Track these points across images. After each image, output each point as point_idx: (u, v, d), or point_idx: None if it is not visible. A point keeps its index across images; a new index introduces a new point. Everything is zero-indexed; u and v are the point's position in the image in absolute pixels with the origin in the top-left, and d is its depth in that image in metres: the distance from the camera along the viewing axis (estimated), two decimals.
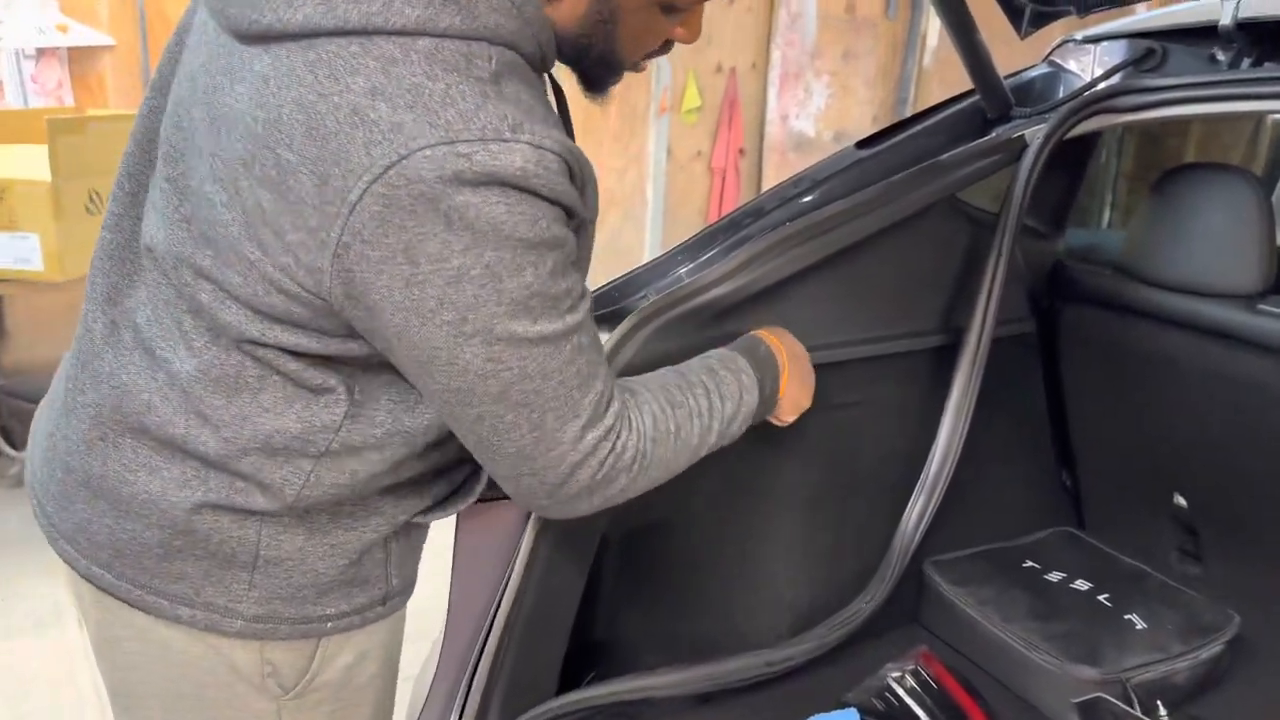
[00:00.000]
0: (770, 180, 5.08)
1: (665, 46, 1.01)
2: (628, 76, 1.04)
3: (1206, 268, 1.54)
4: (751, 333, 1.21)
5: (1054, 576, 1.66)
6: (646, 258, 4.73)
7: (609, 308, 1.47)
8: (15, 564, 2.67)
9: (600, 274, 4.19)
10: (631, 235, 4.75)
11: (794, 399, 1.23)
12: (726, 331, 1.42)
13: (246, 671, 1.00)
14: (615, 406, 0.95)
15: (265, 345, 0.89)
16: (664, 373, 1.08)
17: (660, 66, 4.52)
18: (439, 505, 1.08)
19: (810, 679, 1.51)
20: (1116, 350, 1.69)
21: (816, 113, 5.16)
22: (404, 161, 0.76)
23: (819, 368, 1.50)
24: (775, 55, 4.91)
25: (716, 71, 4.80)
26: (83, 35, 3.61)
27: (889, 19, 5.19)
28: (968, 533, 1.73)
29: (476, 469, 1.10)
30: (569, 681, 1.45)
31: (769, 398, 1.15)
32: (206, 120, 0.86)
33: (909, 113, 5.40)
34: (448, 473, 1.08)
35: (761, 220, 1.52)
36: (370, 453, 0.95)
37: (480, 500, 1.37)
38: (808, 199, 1.55)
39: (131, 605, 0.98)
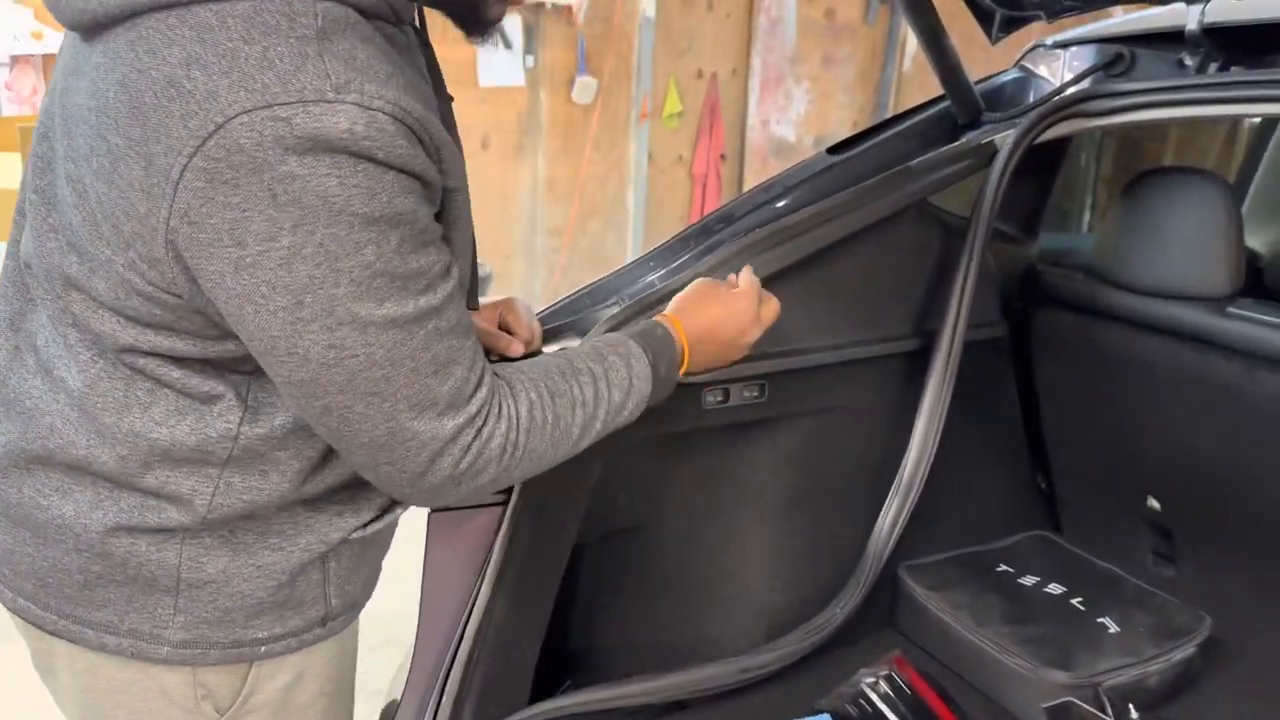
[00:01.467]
0: (751, 185, 5.09)
1: None
2: (608, 85, 1.03)
3: (1177, 271, 1.55)
4: (652, 317, 1.13)
5: (1028, 580, 1.66)
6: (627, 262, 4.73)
7: (579, 314, 1.47)
8: None
9: (583, 280, 4.23)
10: (613, 242, 4.75)
11: (706, 367, 1.18)
12: None
13: (178, 696, 0.97)
14: (482, 394, 0.88)
15: (144, 354, 0.85)
16: (549, 359, 1.01)
17: (641, 73, 4.52)
18: (376, 519, 1.03)
19: (785, 685, 1.50)
20: (1089, 353, 1.69)
21: (797, 118, 5.17)
22: (221, 130, 0.71)
23: (792, 373, 1.51)
24: (755, 61, 4.92)
25: (697, 77, 4.80)
26: (58, 43, 3.59)
27: (868, 25, 5.20)
28: (942, 537, 1.73)
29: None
30: (542, 690, 1.44)
31: (665, 380, 1.08)
32: (61, 123, 0.84)
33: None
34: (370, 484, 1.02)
35: (733, 225, 1.52)
36: (277, 453, 0.91)
37: (450, 508, 1.37)
38: (779, 204, 1.55)
39: (59, 636, 0.95)
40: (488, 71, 4.13)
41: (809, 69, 5.11)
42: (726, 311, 1.16)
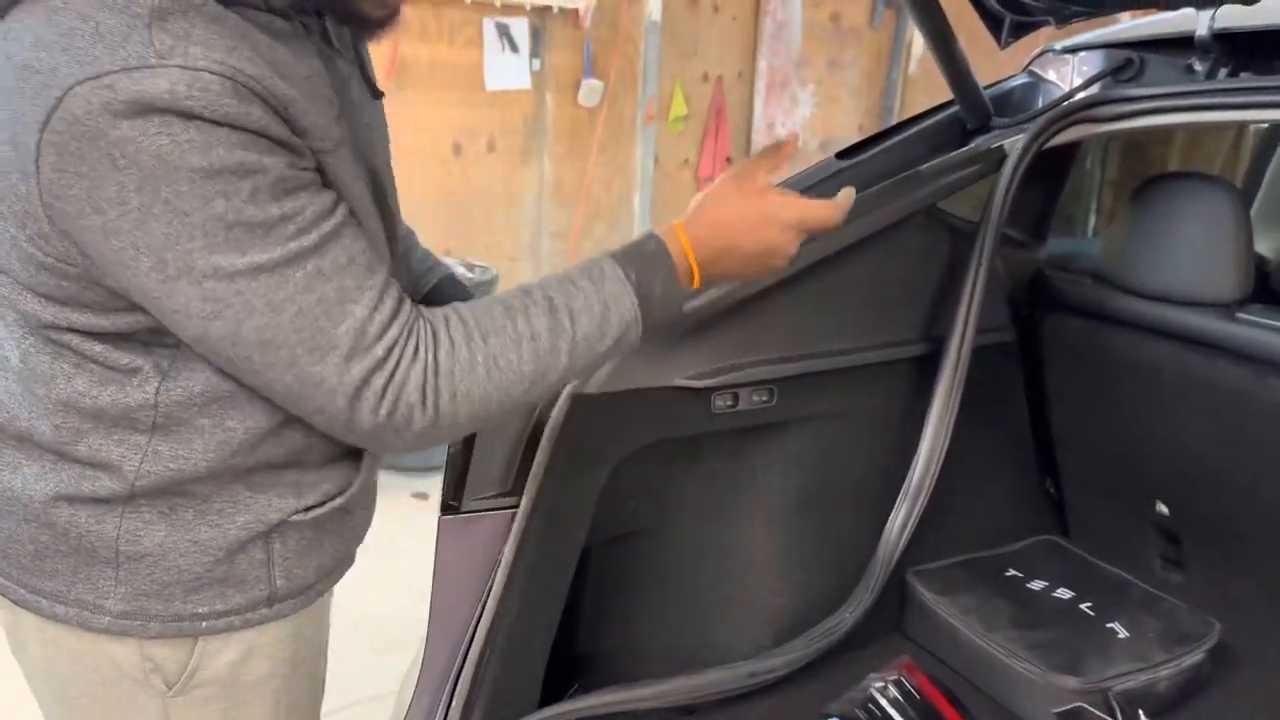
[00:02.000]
0: None
1: None
2: (614, 89, 1.03)
3: (1185, 277, 1.55)
4: (652, 230, 1.04)
5: (1036, 585, 1.67)
6: None
7: None
8: None
9: None
10: (618, 244, 4.74)
11: (735, 278, 1.08)
12: (706, 343, 1.43)
13: (128, 668, 0.99)
14: (390, 334, 0.87)
15: (64, 329, 0.88)
16: (494, 297, 0.97)
17: (647, 76, 4.52)
18: (319, 505, 1.02)
19: (793, 690, 1.51)
20: (1097, 358, 1.69)
21: (803, 121, 5.17)
22: (60, 105, 0.76)
23: (802, 377, 1.51)
24: (761, 64, 4.92)
25: (703, 80, 4.81)
26: None
27: (873, 29, 5.21)
28: (950, 542, 1.73)
29: (354, 463, 1.05)
30: (552, 694, 1.45)
31: (663, 298, 1.00)
32: None
33: (894, 121, 5.43)
34: (318, 467, 1.02)
35: None
36: (199, 420, 0.92)
37: (462, 511, 1.38)
38: None
39: (22, 606, 0.98)
40: (494, 75, 4.14)
41: (814, 72, 5.11)
42: (749, 214, 1.04)
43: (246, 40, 0.82)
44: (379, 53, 4.04)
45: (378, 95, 1.07)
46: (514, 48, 4.13)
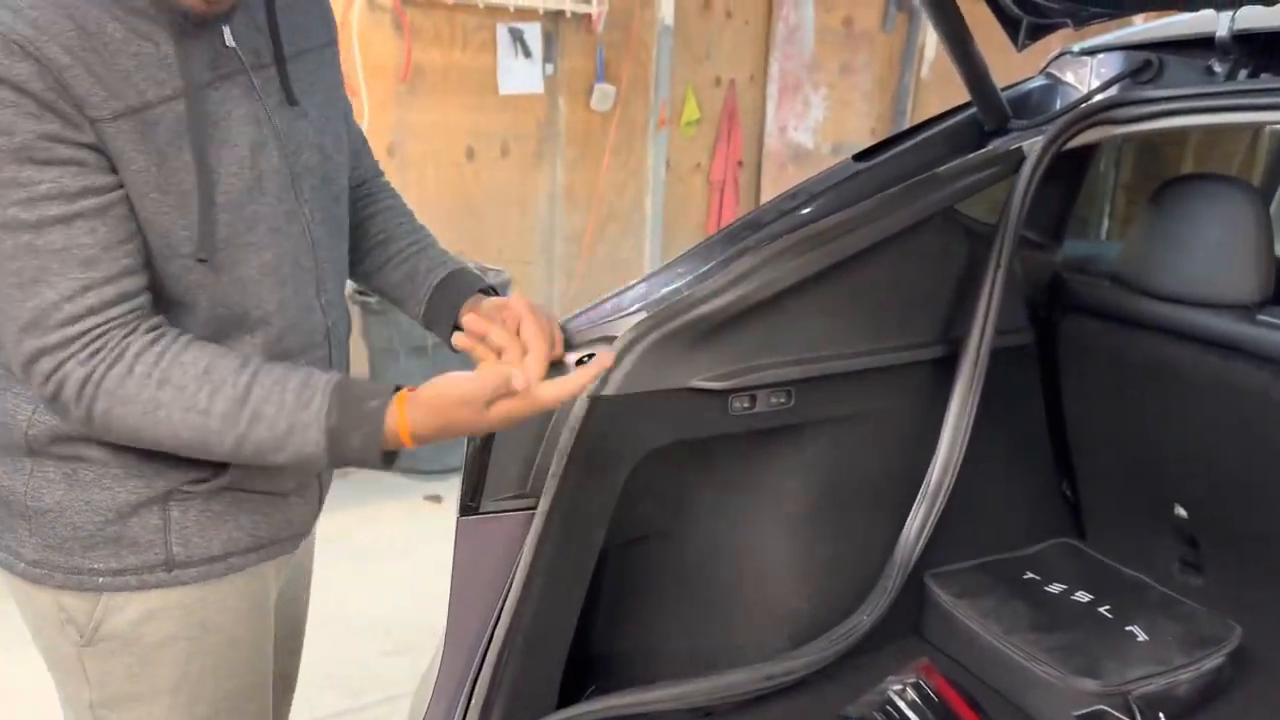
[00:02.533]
0: (769, 192, 5.09)
1: None
2: (627, 93, 1.04)
3: (1205, 278, 1.54)
4: (393, 388, 1.04)
5: (1055, 588, 1.66)
6: (646, 270, 4.73)
7: (606, 321, 1.47)
8: None
9: (602, 286, 4.23)
10: (631, 248, 4.75)
11: (438, 411, 1.03)
12: (723, 345, 1.43)
13: (49, 615, 1.09)
14: (72, 330, 0.92)
15: None
16: (216, 355, 0.98)
17: (659, 80, 4.53)
18: (204, 480, 1.07)
19: (811, 692, 1.50)
20: (1115, 361, 1.69)
21: (815, 125, 5.17)
22: None
23: (819, 379, 1.51)
24: (773, 68, 4.92)
25: (715, 84, 4.81)
26: None
27: (886, 32, 5.20)
28: (968, 544, 1.73)
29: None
30: (569, 696, 1.44)
31: (359, 450, 1.00)
32: None
33: (907, 125, 5.41)
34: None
35: (759, 232, 1.52)
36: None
37: (480, 512, 1.38)
38: (805, 211, 1.55)
39: None
40: (507, 79, 4.14)
41: (827, 76, 5.11)
42: (466, 414, 1.03)
43: (64, 10, 0.89)
44: (393, 56, 4.04)
45: (292, 103, 1.09)
46: (527, 53, 4.14)
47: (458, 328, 1.25)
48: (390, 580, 2.90)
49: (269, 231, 1.05)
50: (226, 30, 1.02)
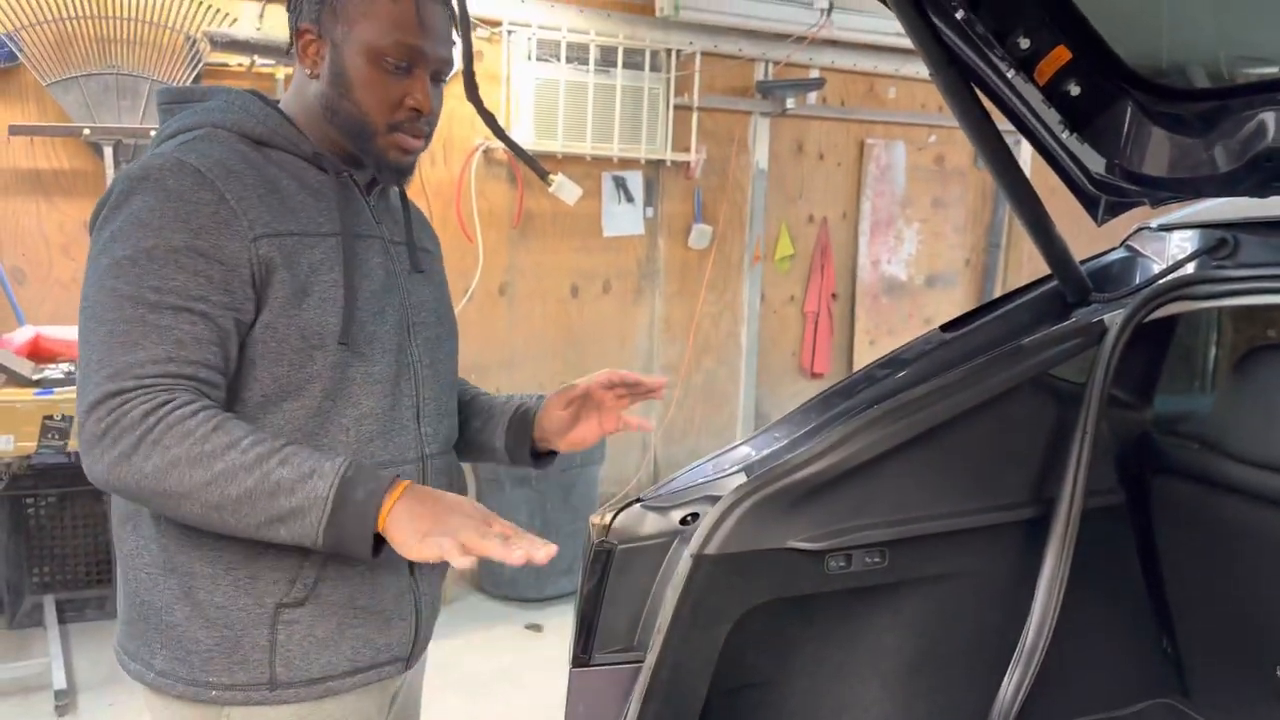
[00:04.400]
0: (863, 322, 5.19)
1: (414, 116, 1.23)
2: (723, 231, 1.19)
3: None
4: (384, 477, 1.10)
5: None
6: (741, 399, 4.84)
7: (708, 481, 1.58)
8: None
9: (699, 415, 4.38)
10: (726, 377, 4.89)
11: (413, 532, 1.07)
12: (820, 507, 1.52)
13: None
14: (149, 380, 1.08)
15: None
16: (242, 436, 1.07)
17: (754, 219, 4.73)
18: (301, 604, 1.19)
19: None
20: (1208, 522, 1.71)
21: (908, 258, 5.28)
22: None
23: (913, 540, 1.58)
24: (865, 205, 5.08)
25: (809, 222, 4.99)
26: None
27: (977, 168, 5.33)
28: (1067, 704, 1.74)
29: (313, 564, 1.19)
30: None
31: (360, 504, 1.07)
32: None
33: (1001, 257, 5.48)
34: (274, 555, 1.16)
35: (852, 399, 1.63)
36: None
37: (592, 665, 1.48)
38: (898, 379, 1.65)
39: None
40: (611, 222, 4.40)
41: (919, 211, 5.25)
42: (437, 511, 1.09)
43: (249, 163, 1.18)
44: (506, 204, 4.32)
45: (418, 270, 1.34)
46: (629, 198, 4.40)
47: (535, 451, 1.47)
48: (500, 711, 2.98)
49: (382, 351, 1.24)
50: (369, 204, 1.30)
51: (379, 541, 1.09)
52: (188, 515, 1.09)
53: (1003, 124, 1.53)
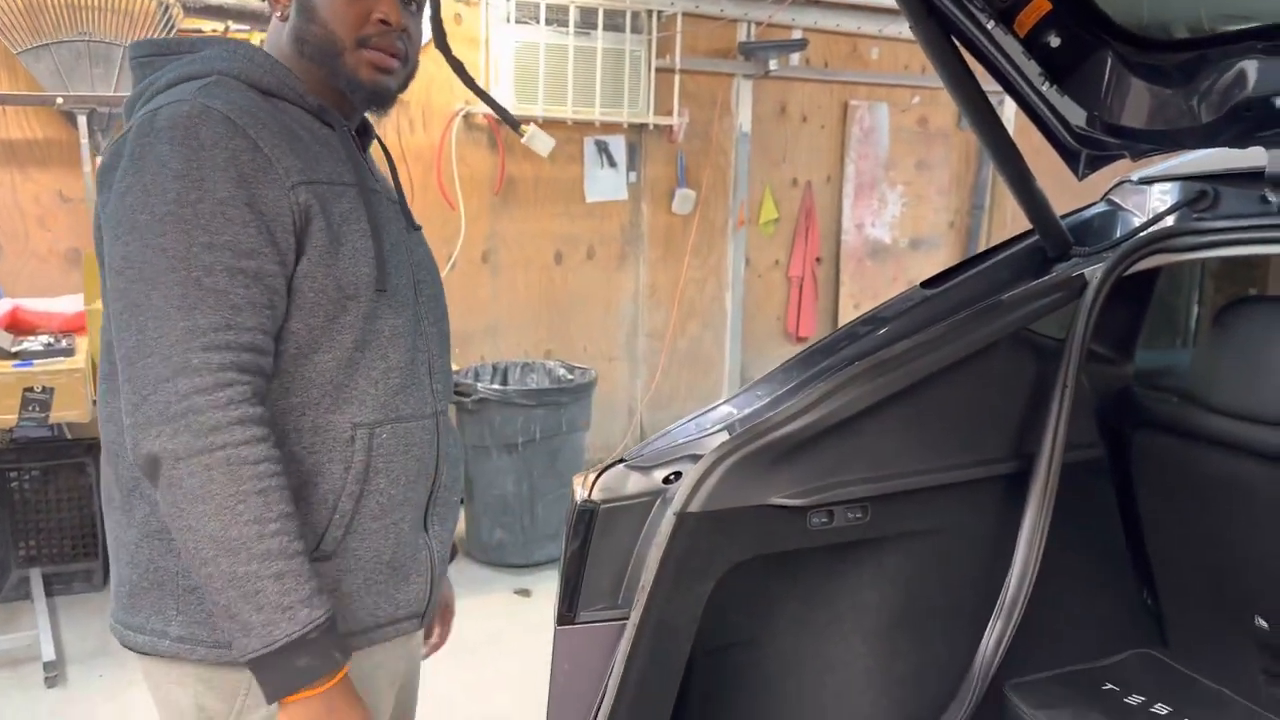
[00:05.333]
0: (848, 286, 5.19)
1: (383, 29, 1.21)
2: (706, 196, 1.20)
3: (1271, 396, 1.58)
4: (333, 662, 1.11)
5: (1134, 700, 1.68)
6: (726, 364, 4.84)
7: (690, 440, 1.58)
8: None
9: (684, 381, 4.38)
10: (711, 342, 4.89)
11: None
12: (802, 464, 1.52)
13: (188, 714, 1.23)
14: (219, 360, 1.06)
15: None
16: (272, 518, 1.07)
17: (738, 183, 4.71)
18: (328, 558, 1.20)
19: None
20: (1188, 475, 1.72)
21: (892, 220, 5.28)
22: None
23: (894, 496, 1.59)
24: (849, 168, 5.07)
25: (792, 185, 4.97)
26: None
27: (961, 130, 5.32)
28: (1048, 655, 1.76)
29: (342, 517, 1.19)
30: None
31: (288, 671, 1.08)
32: None
33: (985, 219, 5.48)
34: (302, 509, 1.16)
35: (833, 357, 1.63)
36: None
37: (577, 623, 1.48)
38: (879, 335, 1.65)
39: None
40: (594, 188, 4.37)
41: (903, 173, 5.23)
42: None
43: (266, 110, 1.15)
44: (487, 170, 4.30)
45: (415, 228, 1.35)
46: (612, 163, 4.37)
47: None
48: (494, 679, 2.99)
49: (402, 305, 1.24)
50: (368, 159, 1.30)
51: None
52: (174, 527, 1.09)
53: (987, 84, 1.52)
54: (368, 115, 1.32)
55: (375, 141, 1.37)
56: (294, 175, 1.12)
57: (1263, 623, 1.71)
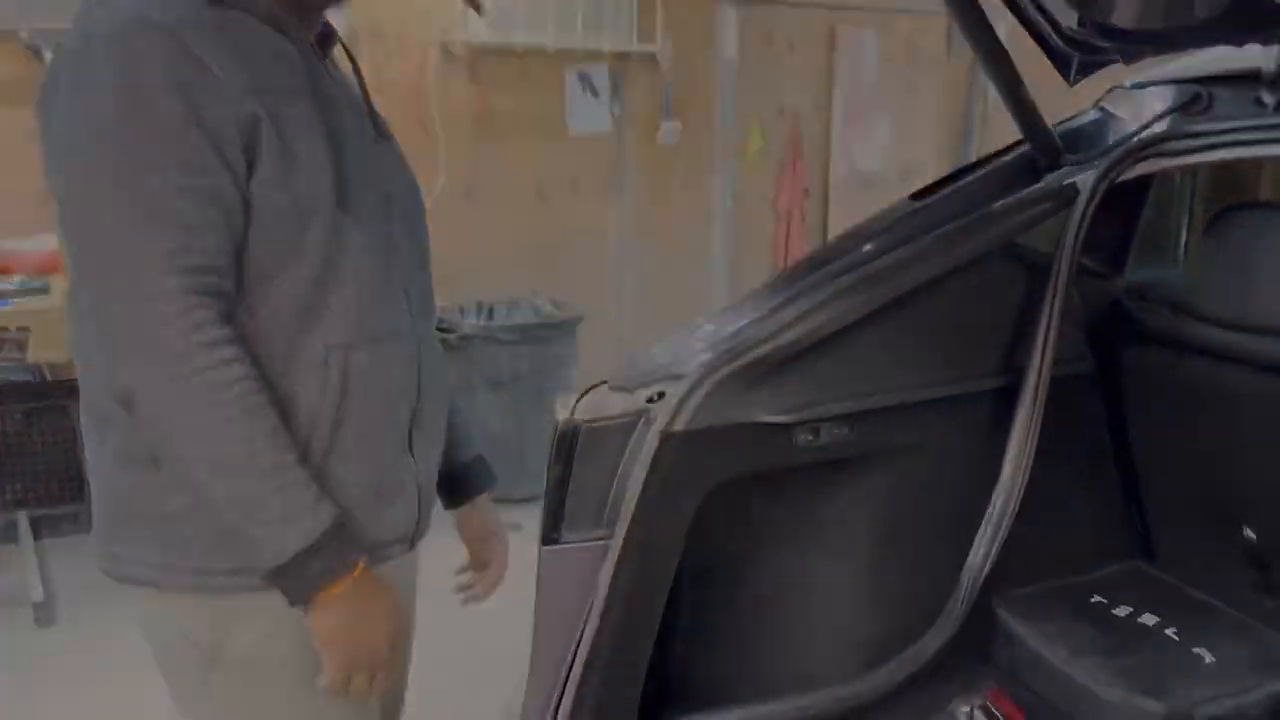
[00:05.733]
0: (836, 220, 5.13)
1: None
2: (693, 127, 1.13)
3: (1266, 304, 1.56)
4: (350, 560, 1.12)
5: (1121, 611, 1.68)
6: (715, 300, 4.80)
7: (673, 360, 1.55)
8: None
9: (671, 317, 4.31)
10: (699, 279, 4.84)
11: (332, 629, 1.13)
12: (787, 381, 1.50)
13: (172, 640, 1.22)
14: (190, 283, 1.03)
15: None
16: (261, 412, 1.06)
17: (724, 114, 4.62)
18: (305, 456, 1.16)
19: (880, 717, 1.55)
20: (1177, 387, 1.71)
21: (881, 150, 5.21)
22: None
23: (882, 410, 1.57)
24: (837, 96, 4.98)
25: (780, 115, 4.89)
26: None
27: (951, 61, 5.23)
28: (1036, 568, 1.76)
29: (320, 438, 1.16)
30: (649, 717, 1.52)
31: (305, 577, 1.09)
32: None
33: (975, 148, 5.41)
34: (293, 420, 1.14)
35: (820, 271, 1.59)
36: None
37: (562, 543, 1.47)
38: (865, 249, 1.62)
39: None
40: (576, 119, 4.29)
41: (892, 101, 5.15)
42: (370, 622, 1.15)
43: (205, 17, 1.07)
44: (467, 102, 4.19)
45: (382, 136, 1.27)
46: (595, 93, 4.28)
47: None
48: (482, 608, 3.00)
49: (371, 219, 1.18)
50: (326, 69, 1.21)
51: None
52: (163, 457, 1.08)
53: None
54: (327, 13, 1.26)
55: (340, 47, 1.31)
56: (239, 84, 1.07)
57: (1251, 533, 1.70)
